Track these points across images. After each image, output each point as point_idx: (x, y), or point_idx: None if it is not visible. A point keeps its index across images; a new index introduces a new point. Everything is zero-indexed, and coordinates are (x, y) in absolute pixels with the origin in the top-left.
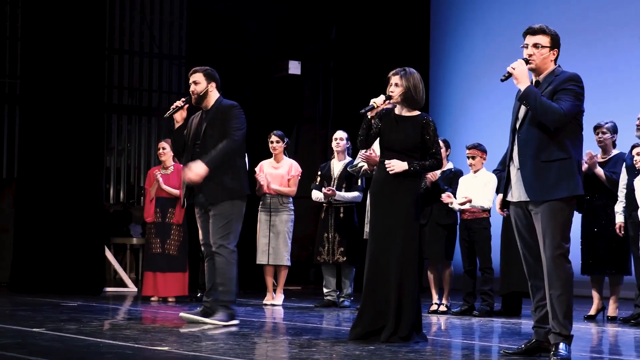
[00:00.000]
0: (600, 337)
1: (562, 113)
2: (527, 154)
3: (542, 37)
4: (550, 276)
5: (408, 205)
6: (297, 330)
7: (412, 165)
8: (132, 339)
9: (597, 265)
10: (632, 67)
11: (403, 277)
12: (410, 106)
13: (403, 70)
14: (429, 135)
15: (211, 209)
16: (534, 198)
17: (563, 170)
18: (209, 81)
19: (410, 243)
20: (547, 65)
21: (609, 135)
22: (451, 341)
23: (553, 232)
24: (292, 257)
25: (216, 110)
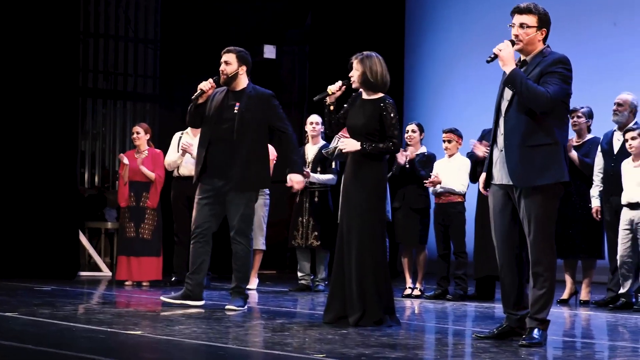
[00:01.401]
0: (573, 320)
1: (548, 97)
2: (513, 138)
3: (528, 16)
4: (532, 260)
5: (370, 186)
6: (270, 314)
7: (365, 145)
8: (105, 323)
9: (570, 249)
10: (607, 53)
11: (363, 260)
12: (371, 89)
13: (361, 54)
14: (386, 118)
15: (237, 196)
16: (518, 184)
17: (549, 156)
18: (240, 64)
19: (371, 226)
20: (535, 46)
21: (583, 119)
22: (425, 325)
23: (538, 218)
24: (268, 242)
25: (252, 95)
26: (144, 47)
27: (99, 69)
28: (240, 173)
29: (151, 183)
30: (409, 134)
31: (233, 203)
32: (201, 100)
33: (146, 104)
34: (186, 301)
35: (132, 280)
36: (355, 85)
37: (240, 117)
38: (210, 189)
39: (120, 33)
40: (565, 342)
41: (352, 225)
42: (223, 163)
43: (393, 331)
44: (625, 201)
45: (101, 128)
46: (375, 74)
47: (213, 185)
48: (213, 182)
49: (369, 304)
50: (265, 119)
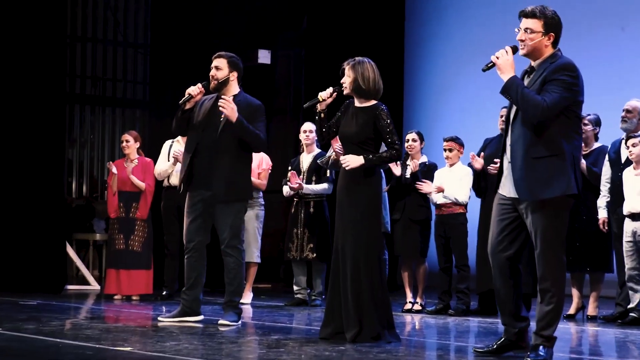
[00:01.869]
0: (580, 337)
1: (544, 107)
2: (518, 150)
3: (533, 21)
4: (541, 277)
5: (365, 200)
6: (265, 329)
7: (368, 159)
8: (93, 339)
9: (577, 262)
10: (615, 59)
11: (359, 273)
12: (363, 96)
13: (353, 60)
14: (382, 125)
15: (223, 207)
16: (523, 197)
17: (554, 168)
18: (231, 69)
19: (367, 238)
20: (542, 51)
21: (590, 127)
22: (425, 341)
23: (544, 233)
24: (262, 254)
25: (241, 104)
26: (134, 51)
27: (86, 74)
28: (224, 184)
29: (141, 193)
30: (409, 143)
31: (220, 215)
32: (188, 106)
33: (136, 111)
34: (185, 318)
35: (121, 294)
36: (347, 92)
37: (224, 126)
38: (198, 200)
39: (109, 37)
40: (572, 359)
41: (346, 240)
42: (208, 172)
43: (392, 347)
44: (627, 212)
45: (89, 135)
46: (368, 81)
47: (201, 196)
48: (200, 192)
49: (366, 320)
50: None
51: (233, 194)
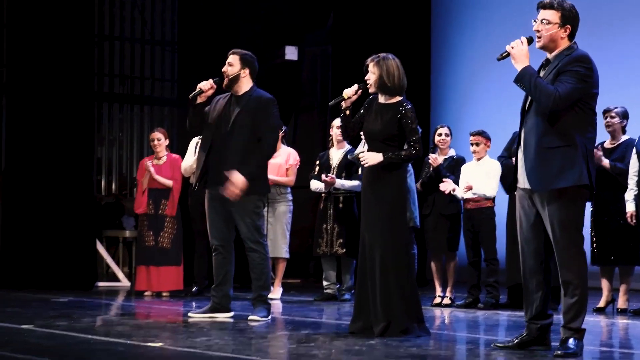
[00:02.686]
0: (610, 330)
1: (556, 96)
2: (531, 140)
3: (551, 12)
4: (562, 268)
5: (391, 197)
6: (295, 324)
7: (387, 156)
8: (124, 335)
9: (607, 256)
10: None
11: (386, 270)
12: (388, 93)
13: (377, 57)
14: (406, 123)
15: (237, 203)
16: (535, 187)
17: (566, 158)
18: (243, 66)
19: (393, 232)
20: (558, 43)
21: (617, 120)
22: (455, 335)
23: (562, 224)
24: (291, 249)
25: (252, 99)
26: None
27: (115, 72)
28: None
29: (170, 190)
30: (442, 137)
31: (237, 212)
32: (200, 100)
33: (164, 109)
34: (214, 314)
35: (151, 291)
36: (372, 89)
37: (234, 120)
38: (216, 197)
39: (137, 35)
40: (603, 352)
41: (373, 237)
42: (222, 170)
43: (422, 342)
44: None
45: (118, 134)
46: (392, 77)
47: (217, 192)
48: (216, 189)
49: (394, 314)
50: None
51: (247, 189)
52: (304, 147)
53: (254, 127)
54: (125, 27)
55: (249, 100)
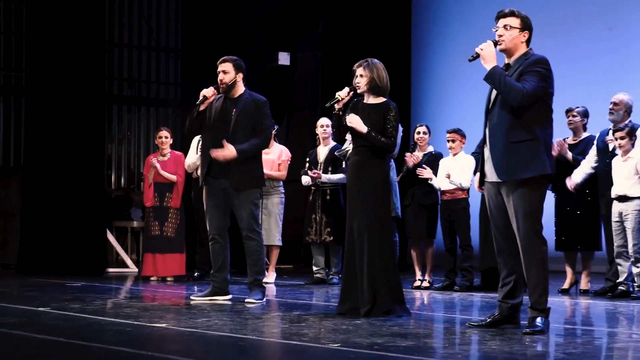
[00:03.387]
0: (574, 309)
1: (525, 92)
2: (497, 135)
3: (512, 19)
4: (525, 254)
5: (376, 186)
6: (287, 306)
7: (370, 132)
8: (132, 317)
9: (570, 242)
10: (603, 56)
11: (372, 254)
12: (376, 94)
13: (366, 62)
14: (388, 118)
15: (239, 194)
16: (503, 178)
17: (530, 151)
18: (237, 71)
19: (378, 221)
20: (518, 48)
21: (579, 118)
22: (434, 315)
23: (526, 212)
24: (284, 238)
25: (248, 101)
26: (166, 55)
27: (123, 76)
28: (237, 173)
29: (174, 184)
30: (420, 135)
31: (237, 203)
32: (203, 107)
33: (168, 110)
34: (215, 297)
35: (157, 276)
36: (362, 90)
37: (235, 121)
38: (217, 190)
39: (143, 42)
40: (567, 330)
41: (361, 224)
42: (224, 164)
43: (403, 321)
44: (614, 194)
45: (126, 132)
46: (382, 79)
47: (219, 185)
48: (218, 182)
49: (379, 296)
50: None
51: (247, 183)
52: (296, 144)
53: (251, 127)
54: (133, 35)
55: (246, 102)
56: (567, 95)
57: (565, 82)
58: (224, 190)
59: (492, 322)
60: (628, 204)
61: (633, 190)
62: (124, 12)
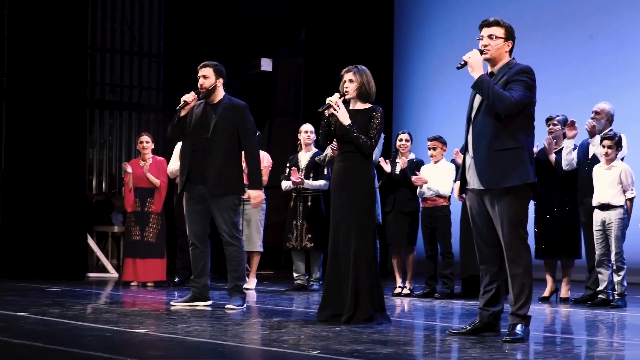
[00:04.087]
0: (554, 317)
1: (512, 101)
2: (481, 143)
3: (496, 28)
4: (510, 262)
5: (362, 193)
6: (268, 312)
7: (352, 126)
8: (112, 322)
9: (550, 250)
10: (584, 64)
11: (358, 261)
12: (364, 100)
13: (355, 67)
14: (373, 122)
15: (217, 200)
16: (487, 186)
17: (515, 159)
18: (217, 77)
19: (364, 228)
20: (502, 57)
21: (559, 127)
22: (414, 322)
23: (510, 219)
24: (264, 244)
25: (227, 106)
26: (148, 60)
27: (105, 81)
28: (217, 179)
29: (155, 189)
30: (402, 142)
31: (217, 209)
32: (184, 112)
33: (150, 115)
34: (195, 303)
35: (137, 281)
36: (350, 96)
37: (214, 126)
38: (196, 196)
39: (126, 47)
40: (546, 338)
41: (346, 231)
42: (203, 171)
43: (384, 328)
44: (596, 202)
45: (108, 137)
46: (370, 86)
47: (198, 191)
48: (197, 188)
49: (361, 304)
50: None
51: (227, 188)
52: (278, 150)
53: (232, 132)
54: (115, 40)
55: (225, 107)
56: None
57: (546, 89)
58: (203, 196)
59: (473, 330)
60: (611, 213)
61: (616, 199)
62: (106, 17)
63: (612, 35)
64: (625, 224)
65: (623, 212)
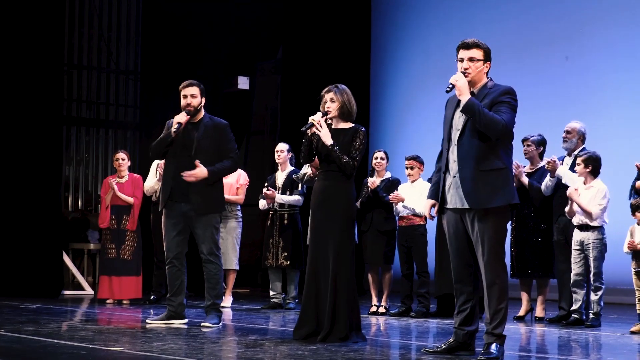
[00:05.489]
0: (529, 336)
1: (504, 125)
2: (467, 163)
3: (476, 50)
4: (488, 280)
5: (342, 212)
6: (244, 331)
7: (332, 147)
8: (87, 340)
9: (525, 269)
10: (559, 83)
11: (337, 280)
12: (346, 119)
13: (336, 87)
14: (355, 141)
15: (201, 219)
16: (473, 206)
17: (500, 180)
18: (202, 96)
19: (344, 247)
20: (481, 78)
21: (533, 147)
22: (389, 341)
23: (491, 240)
24: (241, 262)
25: (208, 125)
26: (125, 77)
27: (82, 98)
28: (200, 197)
29: (131, 207)
30: (377, 160)
31: (198, 227)
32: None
33: (127, 132)
34: (170, 321)
35: (113, 299)
36: (332, 115)
37: (197, 145)
38: (176, 214)
39: (103, 64)
40: (521, 357)
41: (327, 251)
42: (185, 189)
43: (359, 347)
44: (576, 222)
45: (84, 154)
46: (351, 104)
47: (179, 209)
48: (179, 206)
49: (337, 322)
50: (227, 150)
51: (208, 207)
52: (254, 169)
53: (214, 151)
54: (92, 57)
55: (207, 126)
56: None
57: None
58: (184, 214)
59: (448, 349)
60: (589, 234)
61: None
62: (83, 34)
63: (587, 56)
64: (604, 244)
65: (602, 232)
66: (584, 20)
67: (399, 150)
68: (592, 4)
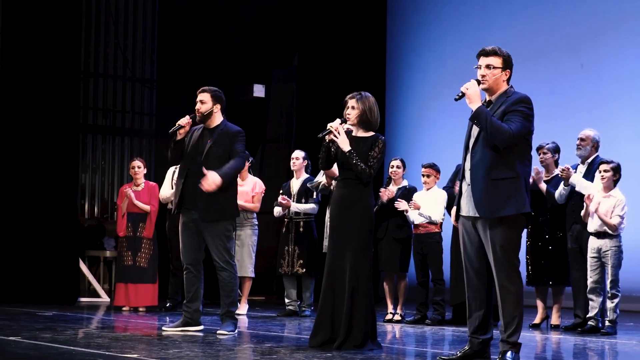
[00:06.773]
0: (544, 344)
1: (510, 134)
2: (478, 172)
3: (494, 58)
4: (502, 289)
5: (361, 220)
6: (259, 338)
7: (351, 153)
8: (103, 347)
9: (541, 277)
10: (574, 91)
11: (355, 288)
12: (366, 128)
13: (359, 94)
14: (374, 149)
15: (209, 227)
16: (484, 215)
17: (511, 189)
18: (215, 102)
19: (362, 256)
20: (500, 86)
21: (549, 155)
22: (405, 348)
23: (503, 248)
24: (256, 269)
25: (222, 132)
26: (141, 85)
27: (98, 106)
28: (208, 205)
29: (147, 214)
30: (394, 169)
31: (209, 235)
32: (179, 136)
33: (143, 140)
34: (186, 327)
35: (129, 306)
36: (351, 123)
37: (208, 151)
38: (189, 221)
39: (119, 72)
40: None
41: (344, 257)
42: (195, 195)
43: (375, 354)
44: (592, 230)
45: (100, 162)
46: (372, 113)
47: (191, 216)
48: (191, 213)
49: (353, 330)
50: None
51: (215, 215)
52: (270, 176)
53: (225, 157)
54: (108, 65)
55: (220, 133)
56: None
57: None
58: (197, 221)
59: (463, 357)
60: (607, 241)
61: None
62: (99, 42)
63: (602, 63)
64: (621, 251)
65: (619, 239)
66: (599, 28)
67: (415, 158)
68: (608, 12)
